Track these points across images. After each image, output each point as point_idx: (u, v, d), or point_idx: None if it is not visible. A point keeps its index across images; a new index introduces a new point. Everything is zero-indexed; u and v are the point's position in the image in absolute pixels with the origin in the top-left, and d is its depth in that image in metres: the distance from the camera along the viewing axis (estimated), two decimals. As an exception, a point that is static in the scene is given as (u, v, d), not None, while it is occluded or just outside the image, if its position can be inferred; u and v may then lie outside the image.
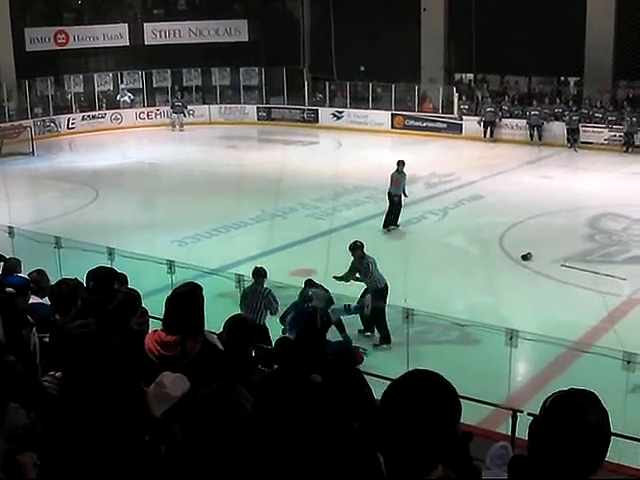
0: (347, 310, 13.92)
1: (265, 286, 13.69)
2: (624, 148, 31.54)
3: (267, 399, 3.41)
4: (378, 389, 9.28)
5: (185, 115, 39.64)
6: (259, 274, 13.82)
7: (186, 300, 5.28)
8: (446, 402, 2.65)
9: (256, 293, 13.55)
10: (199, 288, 5.54)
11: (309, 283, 14.22)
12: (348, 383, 4.28)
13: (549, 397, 2.97)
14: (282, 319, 13.70)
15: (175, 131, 39.04)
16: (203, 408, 2.91)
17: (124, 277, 8.39)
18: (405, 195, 21.95)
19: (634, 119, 31.64)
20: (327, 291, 13.96)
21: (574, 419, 2.83)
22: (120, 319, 6.01)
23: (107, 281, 6.27)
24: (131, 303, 6.28)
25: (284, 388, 3.92)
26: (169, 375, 3.75)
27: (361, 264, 14.93)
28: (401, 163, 22.22)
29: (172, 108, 39.86)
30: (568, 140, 32.76)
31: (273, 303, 13.51)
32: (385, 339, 14.40)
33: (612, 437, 2.95)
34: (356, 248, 15.10)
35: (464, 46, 37.09)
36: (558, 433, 2.84)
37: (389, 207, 21.65)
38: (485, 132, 34.86)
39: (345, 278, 15.20)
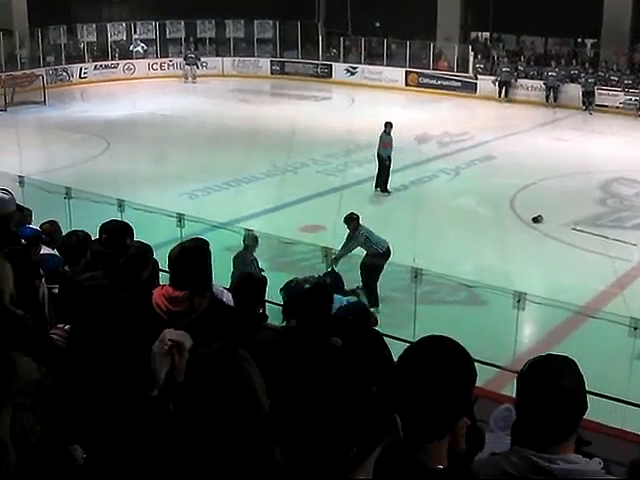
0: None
1: (253, 255, 13.55)
2: (639, 113, 31.31)
3: (285, 360, 3.39)
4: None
5: (198, 67, 39.50)
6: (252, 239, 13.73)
7: (194, 256, 5.26)
8: (462, 367, 2.72)
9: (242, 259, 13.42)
10: (206, 244, 5.52)
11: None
12: (367, 345, 4.25)
13: (527, 361, 3.03)
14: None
15: (188, 83, 38.95)
16: (201, 368, 2.89)
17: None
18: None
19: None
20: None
21: (548, 383, 2.91)
22: (131, 273, 6.00)
23: (120, 235, 6.24)
24: (142, 257, 6.26)
25: (304, 350, 3.90)
26: (172, 332, 3.74)
27: (355, 236, 14.76)
28: (389, 125, 21.51)
29: (185, 60, 39.68)
30: (583, 103, 32.51)
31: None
32: (373, 302, 14.14)
33: (617, 403, 2.98)
34: (351, 220, 14.83)
35: (481, 4, 36.73)
36: (533, 397, 2.93)
37: (379, 169, 21.32)
38: (500, 92, 34.61)
39: (345, 253, 14.91)
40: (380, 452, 2.31)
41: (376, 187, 21.16)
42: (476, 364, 8.88)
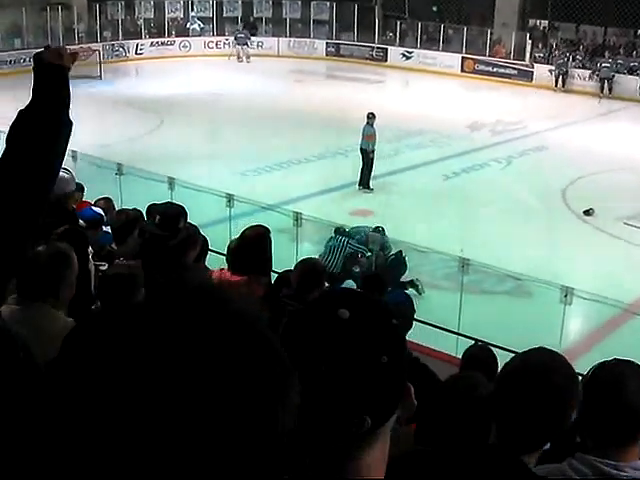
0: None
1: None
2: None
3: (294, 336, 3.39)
4: (426, 336, 9.31)
5: (248, 45, 39.54)
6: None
7: (255, 244, 5.29)
8: (566, 390, 2.71)
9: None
10: (268, 231, 5.54)
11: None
12: (374, 315, 4.25)
13: (593, 366, 3.04)
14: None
15: (242, 62, 38.98)
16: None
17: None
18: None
19: None
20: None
21: (614, 388, 2.88)
22: (179, 256, 6.05)
23: (174, 219, 6.27)
24: (191, 238, 6.30)
25: (311, 325, 3.89)
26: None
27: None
28: (371, 115, 20.42)
29: (235, 40, 39.72)
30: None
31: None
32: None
33: None
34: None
35: (540, -9, 36.36)
36: (598, 402, 2.89)
37: (363, 164, 20.15)
38: (557, 81, 34.22)
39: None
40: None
41: (359, 184, 20.00)
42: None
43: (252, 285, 5.12)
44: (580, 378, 3.00)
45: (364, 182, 19.88)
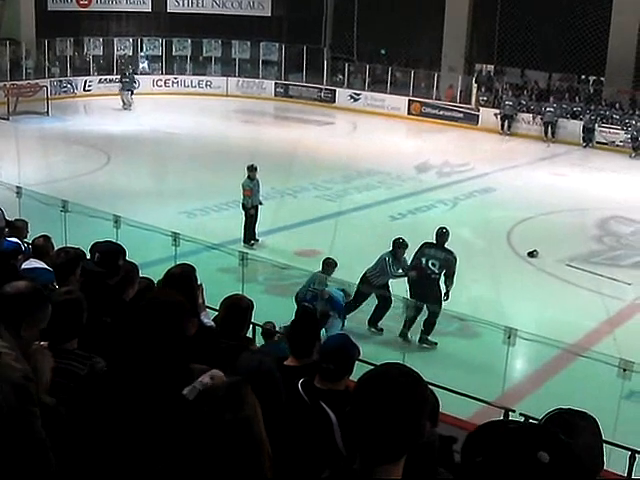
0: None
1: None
2: (634, 153, 31.36)
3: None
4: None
5: (133, 92, 37.08)
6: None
7: (180, 281, 5.28)
8: (414, 396, 2.70)
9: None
10: (193, 269, 5.54)
11: (327, 264, 14.06)
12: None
13: (546, 413, 3.00)
14: (296, 298, 13.69)
15: (126, 109, 36.40)
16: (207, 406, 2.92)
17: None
18: (261, 204, 19.13)
19: (637, 123, 31.54)
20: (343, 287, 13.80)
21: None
22: (119, 292, 6.02)
23: (113, 256, 6.27)
24: (129, 275, 6.29)
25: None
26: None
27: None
28: (252, 169, 18.95)
29: (121, 84, 37.18)
30: (584, 139, 32.59)
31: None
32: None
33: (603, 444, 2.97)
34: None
35: (486, 37, 37.01)
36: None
37: (245, 220, 18.84)
38: (502, 125, 34.68)
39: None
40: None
41: (245, 242, 18.59)
42: (464, 398, 8.88)
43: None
44: (523, 419, 3.02)
45: (247, 240, 18.64)
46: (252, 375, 4.30)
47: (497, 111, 35.00)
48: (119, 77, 37.78)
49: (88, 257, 6.71)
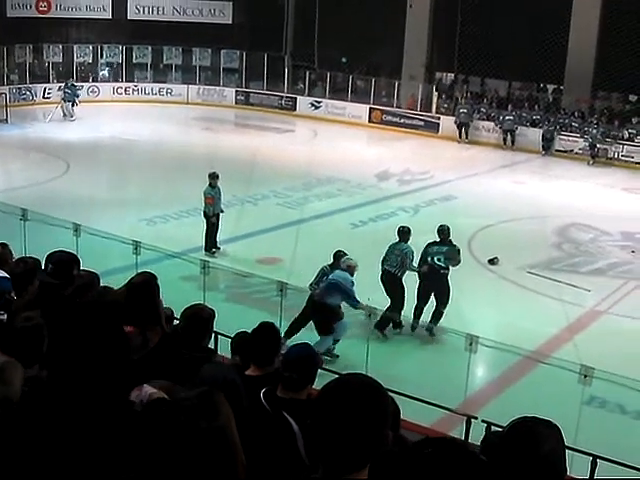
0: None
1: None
2: (591, 161, 31.66)
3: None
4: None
5: (75, 104, 35.46)
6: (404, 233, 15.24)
7: (142, 291, 5.23)
8: (375, 406, 2.71)
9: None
10: (155, 278, 5.49)
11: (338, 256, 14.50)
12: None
13: (512, 421, 3.06)
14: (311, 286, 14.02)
15: (69, 120, 34.91)
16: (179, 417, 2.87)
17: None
18: (222, 211, 19.04)
19: (594, 131, 31.86)
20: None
21: (528, 449, 2.94)
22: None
23: (66, 266, 6.19)
24: (88, 286, 6.22)
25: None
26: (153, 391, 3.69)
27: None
28: (214, 176, 18.87)
29: (62, 93, 35.76)
30: (543, 147, 32.87)
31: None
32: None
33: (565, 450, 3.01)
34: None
35: (447, 46, 37.20)
36: (511, 460, 2.95)
37: (207, 228, 18.70)
38: (460, 133, 34.87)
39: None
40: None
41: (206, 250, 18.42)
42: (425, 405, 8.89)
43: (148, 333, 5.06)
44: (485, 425, 3.05)
45: (208, 248, 18.46)
46: (216, 386, 4.27)
47: (454, 119, 35.18)
48: (60, 87, 36.64)
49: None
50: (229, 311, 13.37)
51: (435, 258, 14.93)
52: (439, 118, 35.93)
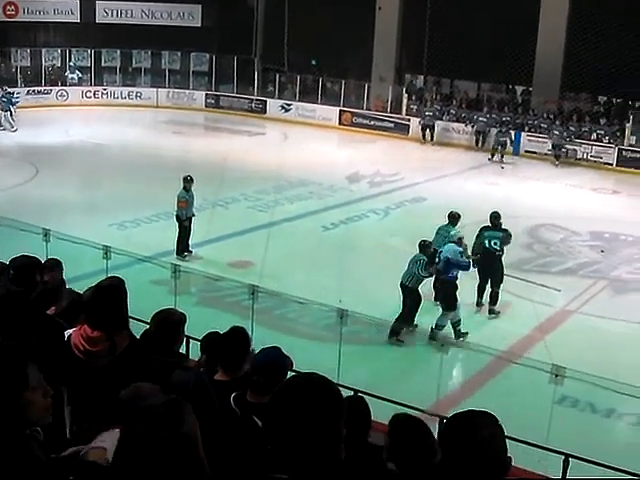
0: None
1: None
2: (557, 161, 31.86)
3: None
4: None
5: (12, 112, 33.54)
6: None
7: (109, 295, 5.19)
8: (326, 405, 2.75)
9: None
10: (122, 282, 5.45)
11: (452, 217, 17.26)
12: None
13: (451, 416, 3.17)
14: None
15: (9, 131, 32.73)
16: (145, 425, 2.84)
17: (57, 263, 8.23)
18: (194, 215, 18.84)
19: (556, 132, 32.07)
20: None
21: (466, 436, 3.02)
22: (41, 309, 5.88)
23: (28, 271, 6.09)
24: (54, 292, 6.16)
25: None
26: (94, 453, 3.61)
27: None
28: (188, 180, 18.78)
29: None
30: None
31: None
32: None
33: (536, 449, 3.04)
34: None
35: (416, 48, 37.28)
36: (453, 449, 3.05)
37: (180, 232, 18.56)
38: (424, 135, 34.90)
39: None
40: None
41: (178, 254, 18.25)
42: (398, 407, 8.90)
43: (115, 338, 5.02)
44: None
45: (180, 251, 18.34)
46: (187, 391, 4.25)
47: (420, 120, 35.26)
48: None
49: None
50: (200, 315, 13.33)
51: (492, 242, 16.46)
52: (409, 120, 36.00)
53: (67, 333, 5.37)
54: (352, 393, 8.20)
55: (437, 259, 15.28)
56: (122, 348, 5.04)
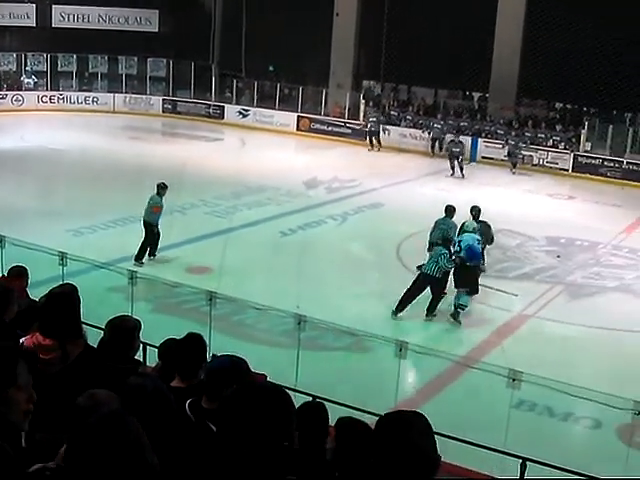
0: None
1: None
2: (513, 170, 32.07)
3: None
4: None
5: None
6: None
7: (61, 302, 5.13)
8: (276, 411, 2.80)
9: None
10: (75, 289, 5.39)
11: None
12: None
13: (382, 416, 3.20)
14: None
15: None
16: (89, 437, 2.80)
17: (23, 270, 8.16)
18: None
19: (512, 142, 32.32)
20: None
21: (397, 435, 3.04)
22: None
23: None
24: (5, 296, 6.07)
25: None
26: None
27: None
28: (164, 187, 18.95)
29: None
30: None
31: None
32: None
33: (494, 452, 3.05)
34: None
35: (374, 54, 37.42)
36: (384, 447, 3.05)
37: (146, 237, 18.56)
38: (371, 141, 34.99)
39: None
40: None
41: (137, 259, 18.14)
42: (356, 412, 8.89)
43: (68, 346, 4.97)
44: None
45: (140, 255, 18.27)
46: (143, 396, 4.21)
47: (364, 126, 35.38)
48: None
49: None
50: (157, 322, 13.27)
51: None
52: (367, 125, 36.08)
53: (22, 340, 5.31)
54: (310, 399, 8.16)
55: (457, 248, 16.11)
56: (74, 356, 4.97)
